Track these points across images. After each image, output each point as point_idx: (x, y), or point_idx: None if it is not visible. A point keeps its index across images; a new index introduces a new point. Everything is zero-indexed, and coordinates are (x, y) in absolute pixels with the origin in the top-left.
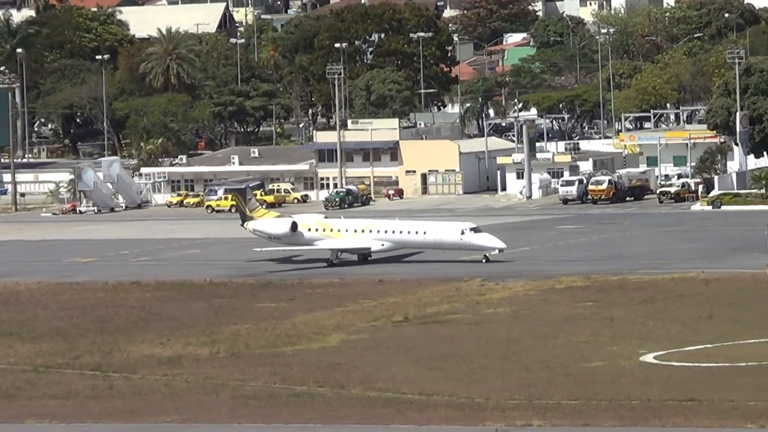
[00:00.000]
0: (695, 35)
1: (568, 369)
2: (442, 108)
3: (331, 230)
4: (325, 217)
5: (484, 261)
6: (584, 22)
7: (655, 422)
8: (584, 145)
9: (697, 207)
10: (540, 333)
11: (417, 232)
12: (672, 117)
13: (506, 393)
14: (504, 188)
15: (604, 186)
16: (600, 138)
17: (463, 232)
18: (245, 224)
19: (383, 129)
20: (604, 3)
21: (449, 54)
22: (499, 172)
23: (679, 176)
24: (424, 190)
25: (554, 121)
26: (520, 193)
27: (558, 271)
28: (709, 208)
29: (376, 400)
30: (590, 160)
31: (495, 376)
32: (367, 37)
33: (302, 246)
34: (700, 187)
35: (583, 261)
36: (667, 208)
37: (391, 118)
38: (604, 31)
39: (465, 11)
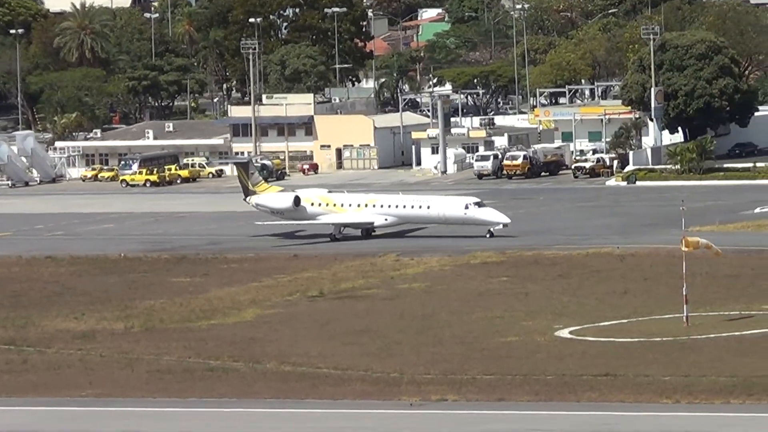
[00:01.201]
0: (610, 11)
1: (483, 344)
2: (356, 83)
3: (335, 205)
4: (329, 191)
5: (488, 236)
6: None
7: (570, 397)
8: (499, 120)
9: (612, 182)
10: (455, 308)
11: (421, 207)
12: (587, 93)
13: (421, 368)
14: (419, 163)
15: (519, 161)
16: (515, 113)
17: (467, 207)
18: (248, 198)
19: (298, 104)
20: None
21: (364, 29)
22: (414, 147)
23: (594, 152)
24: (339, 165)
25: (469, 97)
26: (435, 168)
27: (473, 247)
28: (624, 183)
29: (290, 375)
30: (505, 135)
31: (410, 351)
32: (282, 12)
33: (305, 221)
34: (615, 162)
35: (498, 236)
36: (582, 184)
37: (306, 93)
38: (518, 6)
39: None
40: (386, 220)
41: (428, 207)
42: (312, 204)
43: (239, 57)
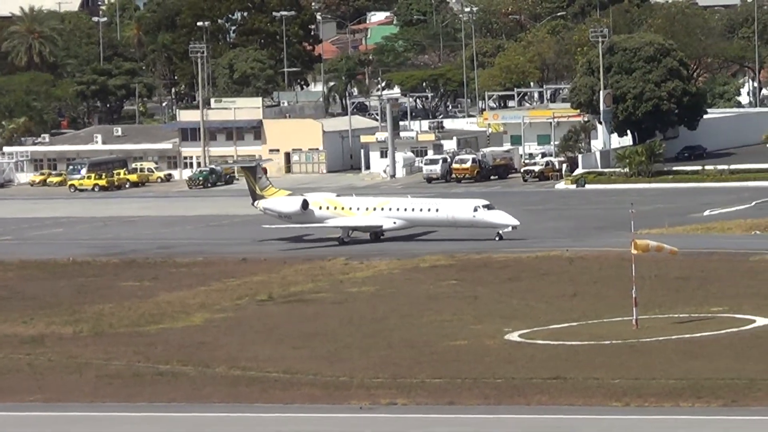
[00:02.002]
0: (558, 14)
1: (432, 347)
2: (305, 87)
3: (342, 208)
4: (337, 195)
5: (497, 239)
6: (447, 1)
7: (520, 400)
8: (448, 123)
9: (561, 185)
10: (404, 312)
11: (429, 210)
12: (535, 95)
13: (370, 371)
14: (368, 167)
15: (468, 165)
16: (464, 117)
17: (476, 209)
18: (255, 203)
19: (246, 108)
20: None
21: (312, 33)
22: (362, 150)
23: (543, 155)
24: (288, 169)
25: (418, 100)
26: (384, 171)
27: (422, 250)
28: (573, 186)
29: (240, 379)
30: (454, 138)
31: (359, 355)
32: (230, 16)
33: (313, 224)
34: (564, 165)
35: (447, 239)
36: (532, 187)
37: (255, 96)
38: (467, 9)
39: None
40: (395, 223)
41: (437, 210)
42: (320, 207)
43: (188, 61)
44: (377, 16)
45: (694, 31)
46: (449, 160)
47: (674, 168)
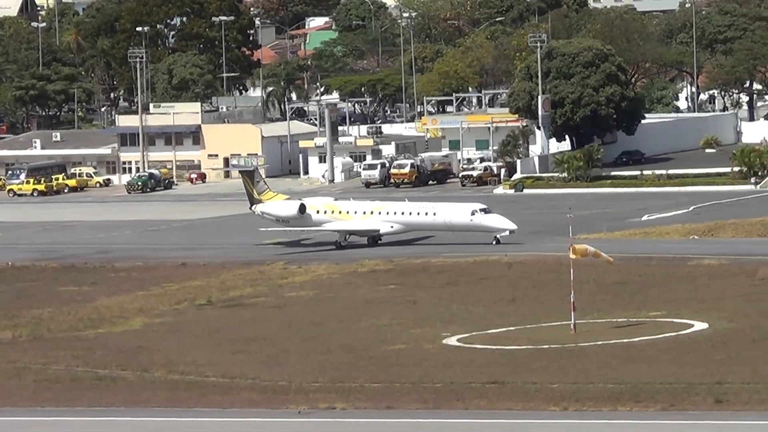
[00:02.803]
0: (497, 19)
1: (371, 352)
2: (244, 92)
3: (340, 212)
4: (335, 199)
5: (494, 243)
6: (386, 6)
7: (458, 404)
8: (386, 128)
9: (499, 190)
10: (343, 316)
11: (427, 214)
12: (474, 101)
13: (309, 376)
14: (306, 172)
15: (407, 170)
16: (402, 122)
17: (473, 213)
18: (253, 207)
19: (185, 113)
20: None
21: (251, 38)
22: (301, 155)
23: (482, 160)
24: (227, 174)
25: (356, 105)
26: (323, 176)
27: (361, 255)
28: (512, 191)
29: (178, 384)
30: (393, 143)
31: (298, 359)
32: (169, 21)
33: (310, 228)
34: (503, 170)
35: (386, 244)
36: (470, 192)
37: (194, 102)
38: (406, 15)
39: None
40: (392, 227)
41: (434, 214)
42: (318, 212)
43: (126, 66)
44: (316, 22)
45: (633, 37)
46: (388, 165)
47: (612, 173)
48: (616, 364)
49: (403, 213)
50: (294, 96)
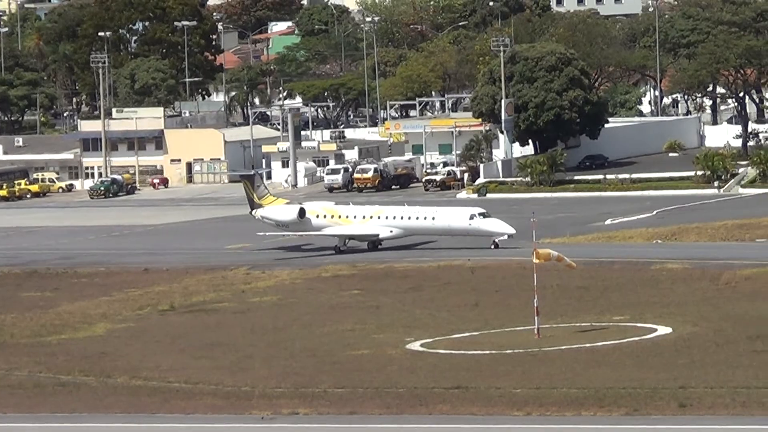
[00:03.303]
0: (460, 23)
1: (334, 357)
2: (207, 97)
3: (340, 217)
4: (336, 204)
5: (492, 247)
6: (349, 11)
7: (422, 410)
8: (350, 133)
9: (462, 195)
10: (306, 321)
11: (426, 218)
12: (437, 105)
13: (272, 381)
14: (269, 177)
15: (370, 174)
16: (365, 126)
17: (472, 218)
18: (253, 211)
19: (148, 118)
20: None
21: (214, 42)
22: (264, 160)
23: (445, 164)
24: (190, 179)
25: (319, 110)
26: (286, 181)
27: (324, 260)
28: (475, 196)
29: (141, 389)
30: (356, 148)
31: (261, 365)
32: (131, 26)
33: (310, 232)
34: (466, 175)
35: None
36: (433, 196)
37: (156, 106)
38: (369, 19)
39: (230, 0)
40: (391, 232)
41: (433, 218)
42: (317, 216)
43: (89, 71)
44: (279, 26)
45: (596, 41)
46: (351, 169)
47: (576, 177)
48: (579, 368)
49: (402, 218)
50: (257, 101)
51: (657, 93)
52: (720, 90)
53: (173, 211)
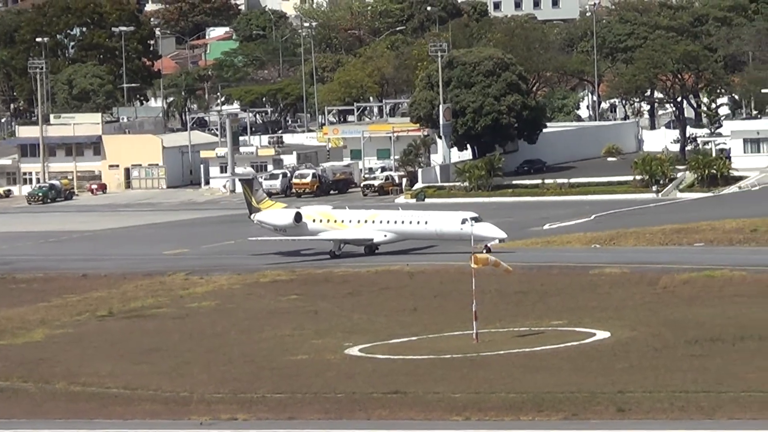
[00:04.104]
0: (398, 29)
1: (273, 362)
2: (144, 102)
3: (335, 221)
4: (333, 208)
5: (484, 251)
6: (287, 16)
7: (361, 415)
8: (288, 138)
9: (401, 200)
10: (245, 327)
11: (419, 222)
12: (375, 110)
13: (211, 387)
14: (207, 182)
15: (308, 179)
16: (304, 131)
17: (463, 222)
18: (252, 216)
19: (86, 123)
20: None
21: (152, 48)
22: (202, 166)
23: (383, 169)
24: (128, 185)
25: (258, 115)
26: (224, 187)
27: (263, 265)
28: (413, 201)
29: (80, 395)
30: (294, 153)
31: (200, 370)
32: (69, 31)
33: (306, 237)
34: (404, 180)
35: (287, 254)
36: (371, 201)
37: (94, 112)
38: (306, 24)
39: (167, 5)
40: (386, 236)
41: (426, 222)
42: (314, 220)
43: (26, 77)
44: (216, 32)
45: (534, 46)
46: (289, 174)
47: (514, 182)
48: (518, 373)
49: (396, 222)
50: (195, 106)
51: (595, 98)
52: (658, 95)
53: (111, 216)
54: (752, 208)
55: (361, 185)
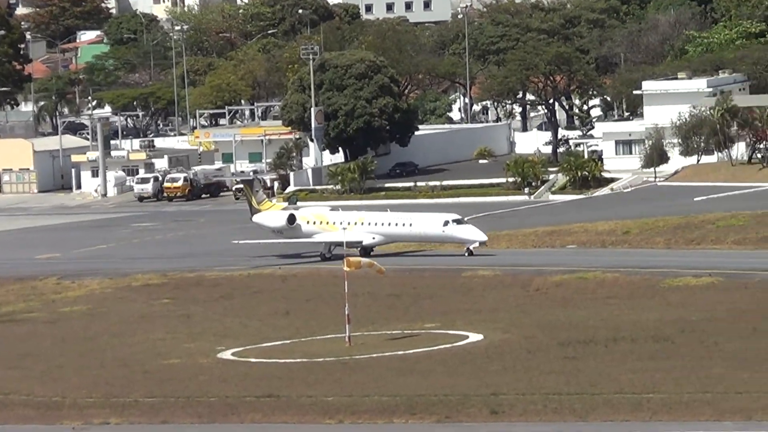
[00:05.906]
0: (269, 32)
1: (145, 366)
2: (15, 106)
3: (328, 223)
4: (331, 209)
5: (466, 254)
6: (158, 19)
7: (234, 419)
8: (159, 142)
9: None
10: (117, 331)
11: (404, 225)
12: (247, 113)
13: (83, 391)
14: (79, 186)
15: (180, 183)
16: (175, 135)
17: (445, 224)
18: (253, 217)
19: None
20: (178, 0)
21: (22, 52)
22: (74, 170)
23: (255, 172)
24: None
25: (129, 119)
26: (95, 191)
27: (134, 269)
28: (286, 204)
29: None
30: (165, 157)
31: (72, 375)
32: None
33: (299, 239)
34: (276, 183)
35: (160, 258)
36: (243, 205)
37: None
38: (177, 28)
39: (38, 9)
40: (374, 238)
41: (410, 225)
42: (308, 222)
43: None
44: (87, 35)
45: (405, 48)
46: (161, 178)
47: (387, 185)
48: (391, 376)
49: (383, 224)
50: (66, 110)
51: (467, 100)
52: (530, 97)
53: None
54: (624, 210)
55: (233, 189)
